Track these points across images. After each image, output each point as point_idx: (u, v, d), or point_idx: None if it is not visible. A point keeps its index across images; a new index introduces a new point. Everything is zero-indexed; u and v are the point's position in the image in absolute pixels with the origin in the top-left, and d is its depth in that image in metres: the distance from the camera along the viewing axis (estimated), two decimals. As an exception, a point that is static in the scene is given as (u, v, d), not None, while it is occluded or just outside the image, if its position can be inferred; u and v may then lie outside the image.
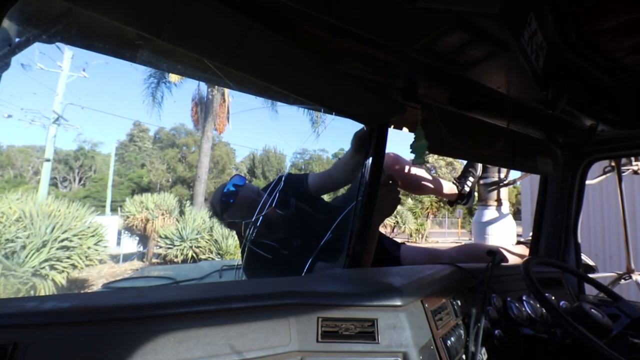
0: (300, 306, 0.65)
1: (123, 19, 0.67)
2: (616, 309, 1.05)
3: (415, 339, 0.65)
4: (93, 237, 6.73)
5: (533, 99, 1.05)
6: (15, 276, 5.24)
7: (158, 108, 13.45)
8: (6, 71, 0.74)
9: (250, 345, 0.57)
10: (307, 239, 1.35)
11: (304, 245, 1.35)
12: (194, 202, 13.32)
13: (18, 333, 0.47)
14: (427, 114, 1.05)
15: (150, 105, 13.26)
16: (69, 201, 6.96)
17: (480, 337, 0.80)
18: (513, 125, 1.20)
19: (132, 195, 12.53)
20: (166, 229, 9.19)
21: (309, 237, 1.35)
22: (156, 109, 13.51)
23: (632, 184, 4.19)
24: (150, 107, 13.27)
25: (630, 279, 2.16)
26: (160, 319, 0.55)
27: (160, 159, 31.32)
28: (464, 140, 1.13)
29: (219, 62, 0.79)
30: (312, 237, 1.33)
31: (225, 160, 32.43)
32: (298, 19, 0.72)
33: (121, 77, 61.25)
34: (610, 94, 1.00)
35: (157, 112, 14.46)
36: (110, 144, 33.23)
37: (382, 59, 0.86)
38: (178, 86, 13.72)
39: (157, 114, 14.52)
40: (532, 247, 1.62)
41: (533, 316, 1.05)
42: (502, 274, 1.11)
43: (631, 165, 2.34)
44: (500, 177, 4.63)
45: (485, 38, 0.72)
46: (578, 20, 0.74)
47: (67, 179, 32.33)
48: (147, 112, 15.23)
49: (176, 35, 0.70)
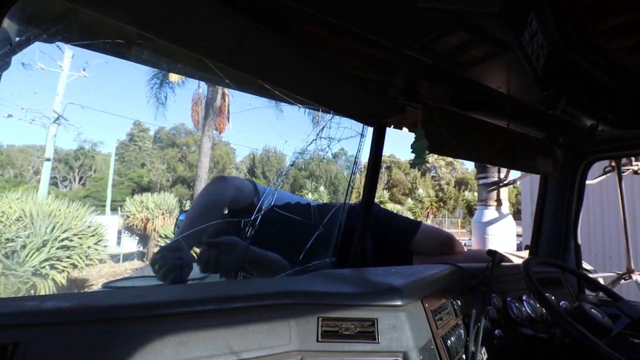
0: (300, 306, 0.65)
1: (123, 18, 0.67)
2: (616, 309, 1.05)
3: (415, 339, 0.65)
4: (93, 237, 6.74)
5: (533, 98, 1.05)
6: (15, 275, 5.24)
7: (162, 108, 13.46)
8: (6, 70, 0.74)
9: (250, 345, 0.57)
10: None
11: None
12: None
13: (18, 333, 0.47)
14: (427, 114, 1.05)
15: (153, 106, 13.28)
16: (69, 201, 6.96)
17: (480, 337, 0.80)
18: (513, 125, 1.20)
19: (132, 195, 12.54)
20: (166, 228, 9.20)
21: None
22: (159, 109, 13.53)
23: (632, 184, 4.19)
24: (153, 108, 13.29)
25: (630, 279, 2.16)
26: (160, 319, 0.55)
27: (161, 158, 31.36)
28: (464, 140, 1.13)
29: (219, 62, 0.79)
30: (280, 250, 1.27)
31: (225, 160, 32.46)
32: (298, 18, 0.72)
33: (121, 77, 61.27)
34: (610, 94, 1.00)
35: (158, 112, 14.43)
36: (111, 144, 33.18)
37: (382, 58, 0.86)
38: (178, 86, 13.74)
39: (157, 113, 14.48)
40: (532, 247, 1.62)
41: (533, 316, 1.05)
42: (502, 274, 1.11)
43: (631, 165, 2.34)
44: (500, 177, 4.65)
45: (485, 38, 0.72)
46: (578, 20, 0.74)
47: (67, 179, 32.35)
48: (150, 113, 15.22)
49: (176, 35, 0.70)
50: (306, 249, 1.22)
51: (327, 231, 1.26)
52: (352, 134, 1.36)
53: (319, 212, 1.34)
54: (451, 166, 32.88)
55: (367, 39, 0.75)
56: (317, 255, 1.23)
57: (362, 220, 1.16)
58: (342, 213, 1.26)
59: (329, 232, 1.26)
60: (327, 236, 1.25)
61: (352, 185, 1.31)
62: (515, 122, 1.21)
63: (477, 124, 1.21)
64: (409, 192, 32.89)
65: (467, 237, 15.16)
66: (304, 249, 1.22)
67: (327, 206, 1.40)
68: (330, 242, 1.25)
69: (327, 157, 1.34)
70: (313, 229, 1.26)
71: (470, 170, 32.39)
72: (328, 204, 1.46)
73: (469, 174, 31.94)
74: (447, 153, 1.10)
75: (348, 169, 1.72)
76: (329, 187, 19.65)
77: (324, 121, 1.28)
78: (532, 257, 1.15)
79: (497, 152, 1.22)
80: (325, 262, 1.21)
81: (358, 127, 1.33)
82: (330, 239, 1.25)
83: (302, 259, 1.21)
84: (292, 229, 1.31)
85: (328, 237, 1.25)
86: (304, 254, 1.21)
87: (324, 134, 1.28)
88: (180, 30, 0.69)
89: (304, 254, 1.21)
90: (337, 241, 1.23)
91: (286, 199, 1.47)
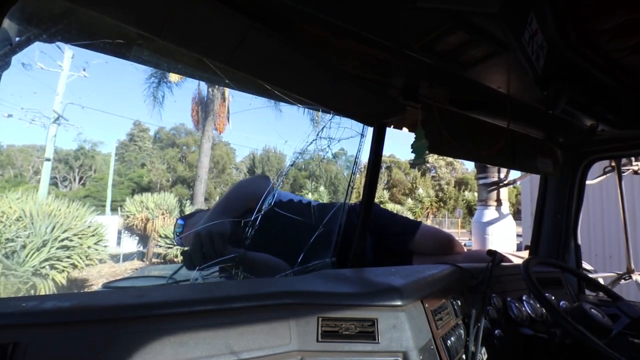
0: (300, 306, 0.65)
1: (123, 18, 0.67)
2: (616, 309, 1.05)
3: (415, 339, 0.65)
4: (93, 237, 6.74)
5: (533, 98, 1.05)
6: (15, 275, 5.24)
7: (159, 108, 13.47)
8: (6, 70, 0.74)
9: (250, 345, 0.57)
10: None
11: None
12: (194, 202, 13.33)
13: (18, 333, 0.47)
14: (427, 114, 1.05)
15: (152, 106, 13.28)
16: (69, 201, 6.96)
17: (480, 337, 0.80)
18: (513, 125, 1.20)
19: (132, 195, 12.54)
20: (166, 228, 9.20)
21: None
22: (157, 109, 13.53)
23: (632, 184, 4.19)
24: (151, 107, 13.29)
25: (630, 279, 2.16)
26: (160, 319, 0.55)
27: (161, 158, 31.36)
28: (464, 140, 1.13)
29: (219, 62, 0.79)
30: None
31: (225, 160, 32.48)
32: (298, 19, 0.72)
33: (121, 77, 61.25)
34: (610, 94, 1.00)
35: (158, 112, 14.46)
36: (111, 144, 33.20)
37: (382, 58, 0.86)
38: (178, 86, 13.75)
39: (158, 113, 14.52)
40: (532, 247, 1.62)
41: (533, 316, 1.04)
42: (502, 274, 1.11)
43: (631, 165, 2.34)
44: (500, 177, 4.65)
45: (485, 38, 0.72)
46: (578, 20, 0.74)
47: (67, 179, 32.35)
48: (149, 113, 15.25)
49: (176, 35, 0.70)
50: (306, 249, 1.21)
51: (327, 231, 1.26)
52: (352, 134, 1.36)
53: (319, 212, 1.34)
54: (451, 166, 32.89)
55: (367, 39, 0.75)
56: (317, 255, 1.23)
57: (362, 220, 1.16)
58: (342, 213, 1.26)
59: (329, 232, 1.26)
60: (327, 236, 1.25)
61: (352, 185, 1.31)
62: (515, 122, 1.21)
63: (477, 124, 1.21)
64: (409, 192, 32.91)
65: (467, 237, 15.17)
66: (304, 249, 1.21)
67: (327, 206, 1.40)
68: (331, 242, 1.24)
69: (327, 157, 1.34)
70: (313, 229, 1.26)
71: (470, 170, 32.40)
72: (328, 204, 1.46)
73: (469, 174, 31.95)
74: (447, 153, 1.10)
75: (348, 169, 1.71)
76: (329, 187, 19.66)
77: (324, 121, 1.28)
78: (532, 257, 1.15)
79: (497, 152, 1.22)
80: (325, 262, 1.21)
81: (358, 127, 1.33)
82: (331, 239, 1.25)
83: (303, 259, 1.21)
84: (292, 228, 1.31)
85: (328, 237, 1.25)
86: (304, 254, 1.21)
87: (324, 134, 1.28)
88: (180, 30, 0.69)
89: (304, 254, 1.21)
90: (337, 241, 1.23)
91: (287, 199, 1.46)
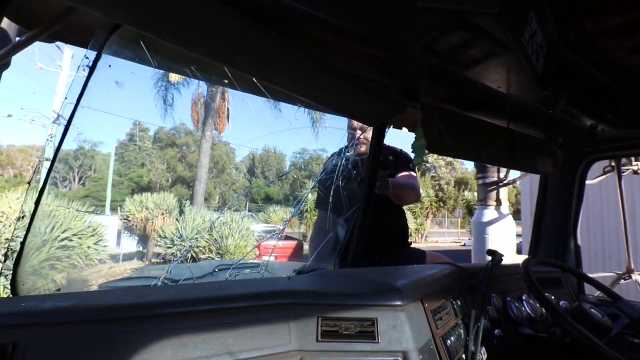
0: (300, 306, 0.65)
1: (124, 18, 0.67)
2: (616, 309, 1.05)
3: (415, 339, 0.65)
4: (93, 237, 6.74)
5: (533, 99, 1.05)
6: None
7: (161, 108, 13.47)
8: (6, 70, 0.74)
9: (250, 344, 0.57)
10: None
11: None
12: (194, 202, 13.32)
13: (18, 333, 0.47)
14: (427, 114, 1.05)
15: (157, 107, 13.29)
16: (69, 201, 6.95)
17: (480, 337, 0.80)
18: (513, 125, 1.20)
19: (132, 195, 12.53)
20: (166, 228, 9.19)
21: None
22: (159, 110, 13.53)
23: (632, 184, 4.19)
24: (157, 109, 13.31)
25: (630, 279, 2.16)
26: (160, 319, 0.55)
27: (160, 158, 31.34)
28: (464, 140, 1.13)
29: (219, 62, 0.79)
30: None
31: (225, 160, 32.46)
32: (298, 19, 0.72)
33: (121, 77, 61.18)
34: (610, 94, 1.00)
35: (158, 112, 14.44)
36: (110, 144, 33.24)
37: (382, 58, 0.86)
38: (179, 86, 13.73)
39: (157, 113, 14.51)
40: (532, 247, 1.62)
41: (533, 316, 1.04)
42: (502, 274, 1.11)
43: (631, 165, 2.34)
44: (500, 177, 4.64)
45: (485, 38, 0.72)
46: (578, 20, 0.74)
47: (67, 179, 32.33)
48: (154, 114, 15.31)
49: (176, 35, 0.70)
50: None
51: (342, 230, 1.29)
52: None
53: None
54: (451, 166, 32.84)
55: (368, 39, 0.75)
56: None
57: (362, 220, 1.16)
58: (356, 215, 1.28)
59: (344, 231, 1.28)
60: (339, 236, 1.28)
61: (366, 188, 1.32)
62: (515, 122, 1.21)
63: (477, 124, 1.21)
64: (409, 192, 32.73)
65: (467, 237, 15.17)
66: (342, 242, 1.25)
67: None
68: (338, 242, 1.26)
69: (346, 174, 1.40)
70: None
71: (470, 170, 32.35)
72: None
73: (469, 174, 31.90)
74: (447, 153, 1.10)
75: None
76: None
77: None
78: (532, 257, 1.15)
79: (497, 152, 1.22)
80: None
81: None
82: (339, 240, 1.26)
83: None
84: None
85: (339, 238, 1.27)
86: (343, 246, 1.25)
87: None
88: (180, 30, 0.69)
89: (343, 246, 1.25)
90: (343, 243, 1.23)
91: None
